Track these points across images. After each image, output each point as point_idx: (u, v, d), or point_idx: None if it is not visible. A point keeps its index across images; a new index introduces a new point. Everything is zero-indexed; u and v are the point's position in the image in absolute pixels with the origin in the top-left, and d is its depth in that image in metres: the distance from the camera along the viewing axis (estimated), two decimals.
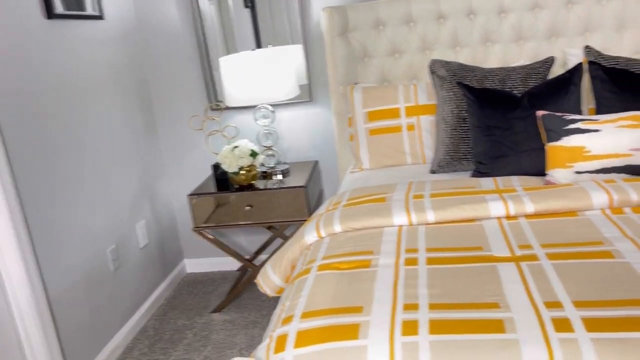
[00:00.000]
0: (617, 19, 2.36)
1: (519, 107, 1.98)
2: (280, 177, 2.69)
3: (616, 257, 1.32)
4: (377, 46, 2.57)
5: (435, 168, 2.22)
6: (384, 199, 1.83)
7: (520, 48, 2.47)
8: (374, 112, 2.38)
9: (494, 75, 2.14)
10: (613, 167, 1.77)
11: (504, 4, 2.42)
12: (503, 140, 1.98)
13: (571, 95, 1.97)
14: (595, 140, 1.78)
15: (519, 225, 1.58)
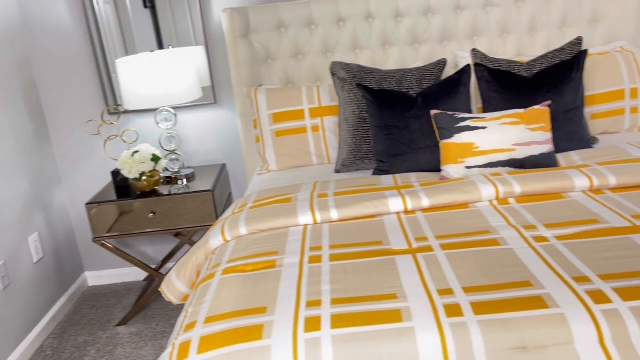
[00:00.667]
0: (500, 24, 2.55)
1: (414, 106, 2.08)
2: (185, 181, 2.63)
3: (501, 244, 1.43)
4: (279, 48, 2.58)
5: (340, 167, 2.27)
6: (290, 199, 1.85)
7: (416, 50, 2.60)
8: (279, 114, 2.40)
9: (392, 77, 2.23)
10: (499, 161, 1.90)
11: (399, 8, 2.53)
12: (400, 139, 2.07)
13: (461, 95, 2.10)
14: (482, 136, 1.91)
15: (416, 219, 1.65)
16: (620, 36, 2.55)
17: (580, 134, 2.07)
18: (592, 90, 2.30)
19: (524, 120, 1.91)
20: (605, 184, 1.69)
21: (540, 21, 2.54)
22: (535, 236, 1.45)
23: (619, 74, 2.29)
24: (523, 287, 1.21)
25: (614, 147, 1.96)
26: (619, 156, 1.87)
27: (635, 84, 2.29)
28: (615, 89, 2.29)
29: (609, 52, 2.37)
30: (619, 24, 2.53)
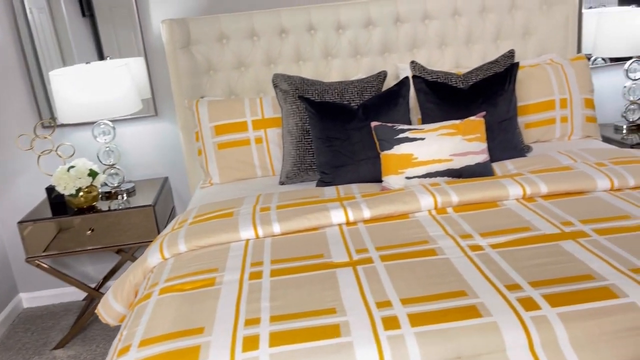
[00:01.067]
0: (438, 37, 2.62)
1: (355, 118, 2.10)
2: (125, 196, 2.55)
3: (438, 254, 1.45)
4: (222, 59, 2.55)
5: (284, 179, 2.26)
6: (232, 214, 1.82)
7: (358, 62, 2.63)
8: (221, 126, 2.37)
9: (334, 89, 2.25)
10: (437, 171, 1.95)
11: (340, 21, 2.56)
12: (343, 150, 2.09)
13: (400, 107, 2.14)
14: (421, 148, 1.95)
15: (358, 231, 1.67)
16: (551, 49, 2.67)
17: (515, 143, 2.15)
18: (526, 100, 2.39)
19: (461, 131, 1.97)
20: (537, 192, 1.76)
21: (477, 34, 2.63)
22: (471, 245, 1.48)
23: (549, 85, 2.39)
24: (458, 297, 1.23)
25: (545, 156, 2.04)
26: (550, 165, 1.95)
27: (565, 95, 2.40)
28: (546, 100, 2.39)
29: (540, 64, 2.48)
30: (549, 37, 2.65)
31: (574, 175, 1.79)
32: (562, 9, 2.62)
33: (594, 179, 1.76)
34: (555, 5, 2.62)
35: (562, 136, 2.43)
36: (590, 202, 1.69)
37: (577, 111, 2.40)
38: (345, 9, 2.54)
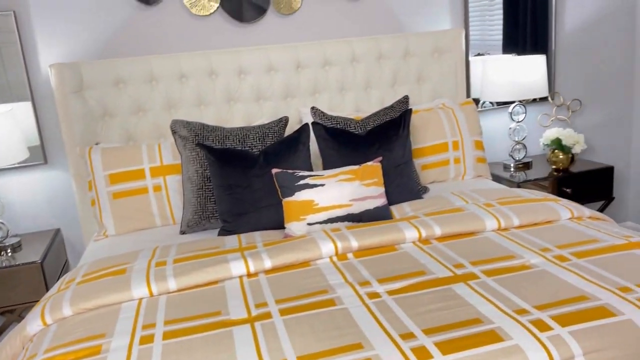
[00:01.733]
0: (338, 82, 2.70)
1: (256, 165, 2.09)
2: (10, 252, 2.34)
3: (337, 304, 1.45)
4: (118, 104, 2.46)
5: (185, 228, 2.19)
6: (125, 270, 1.72)
7: (261, 107, 2.64)
8: (117, 175, 2.26)
9: (235, 135, 2.23)
10: (338, 216, 1.97)
11: (242, 66, 2.56)
12: (244, 198, 2.06)
13: (300, 153, 2.16)
14: (321, 193, 1.96)
15: (259, 282, 1.63)
16: (443, 94, 2.83)
17: (411, 186, 2.23)
18: (422, 143, 2.51)
19: (359, 177, 2.01)
20: (432, 234, 1.82)
21: (374, 80, 2.74)
22: (369, 293, 1.50)
23: (442, 128, 2.53)
24: (355, 350, 1.23)
25: (440, 198, 2.14)
26: (444, 206, 2.03)
27: (457, 137, 2.54)
28: (440, 142, 2.52)
29: (433, 109, 2.62)
30: (440, 83, 2.82)
31: (465, 217, 1.88)
32: (450, 57, 2.80)
33: (482, 220, 1.85)
34: (445, 54, 2.79)
35: (456, 176, 2.56)
36: (480, 242, 1.77)
37: (469, 152, 2.55)
38: (246, 55, 2.56)
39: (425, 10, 2.84)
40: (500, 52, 2.98)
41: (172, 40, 2.58)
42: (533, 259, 1.61)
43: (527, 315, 1.30)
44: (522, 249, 1.68)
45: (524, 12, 2.98)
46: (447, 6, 2.87)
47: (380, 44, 2.71)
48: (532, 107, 3.04)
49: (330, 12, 2.73)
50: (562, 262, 1.56)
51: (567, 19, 3.06)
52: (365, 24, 2.79)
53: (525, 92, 2.74)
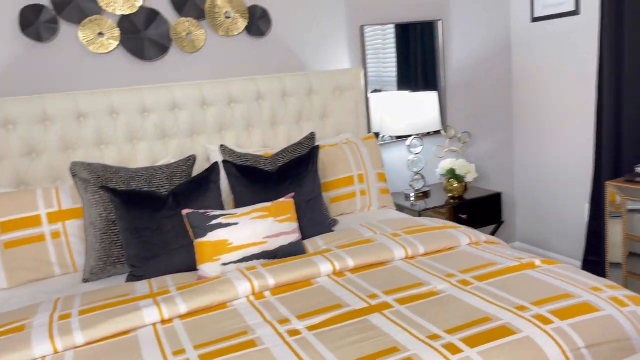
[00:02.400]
0: (245, 119, 2.72)
1: (165, 206, 2.04)
2: None
3: (258, 345, 1.44)
4: (7, 147, 2.29)
5: (88, 276, 2.06)
6: (24, 327, 1.59)
7: (166, 145, 2.58)
8: (8, 222, 2.09)
9: (140, 176, 2.16)
10: (253, 255, 1.97)
11: (145, 104, 2.50)
12: (153, 241, 1.99)
13: (211, 192, 2.14)
14: (235, 232, 1.96)
15: (174, 329, 1.58)
16: (346, 129, 2.95)
17: (322, 219, 2.29)
18: (330, 177, 2.59)
19: (272, 213, 2.03)
20: (346, 266, 1.88)
21: (280, 116, 2.80)
22: (289, 330, 1.51)
23: (347, 163, 2.63)
24: None
25: (350, 230, 2.21)
26: (355, 238, 2.11)
27: (361, 171, 2.65)
28: (346, 176, 2.62)
29: (338, 144, 2.72)
30: (344, 118, 2.94)
31: (375, 248, 1.96)
32: (351, 94, 2.94)
33: (392, 250, 1.95)
34: (346, 91, 2.93)
35: (362, 208, 2.66)
36: (391, 272, 1.85)
37: (373, 185, 2.67)
38: (149, 93, 2.51)
39: (326, 50, 2.98)
40: (396, 88, 3.19)
41: (69, 78, 2.47)
42: (440, 285, 1.71)
43: (439, 340, 1.38)
44: (429, 276, 1.78)
45: (415, 52, 3.21)
46: (346, 47, 3.02)
47: (285, 82, 2.78)
48: (428, 140, 3.26)
49: (235, 51, 2.77)
50: (465, 287, 1.68)
51: (454, 59, 3.34)
52: (270, 62, 2.86)
53: (420, 126, 2.94)
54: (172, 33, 2.60)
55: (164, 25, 2.58)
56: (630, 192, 2.42)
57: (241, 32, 2.75)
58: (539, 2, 3.22)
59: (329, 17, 2.96)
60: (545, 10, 3.19)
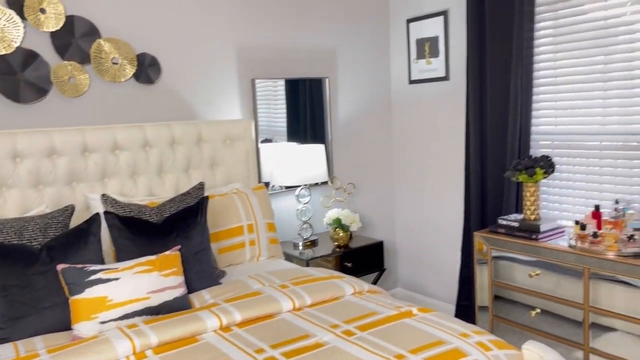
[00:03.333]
0: (130, 167, 2.63)
1: (37, 261, 1.89)
2: None
3: None
4: None
5: None
6: None
7: (41, 193, 2.41)
8: None
9: (10, 227, 1.99)
10: (134, 311, 1.88)
11: (17, 148, 2.33)
12: (22, 299, 1.83)
13: (91, 245, 2.03)
14: (116, 288, 1.86)
15: None
16: (237, 178, 2.97)
17: (209, 272, 2.26)
18: (219, 227, 2.57)
19: (157, 267, 1.97)
20: (233, 321, 1.86)
21: (168, 164, 2.75)
22: None
23: (237, 212, 2.64)
24: None
25: (238, 282, 2.20)
26: (243, 291, 2.10)
27: (251, 221, 2.67)
28: (235, 226, 2.62)
29: (228, 194, 2.72)
30: (234, 168, 2.96)
31: (263, 300, 1.97)
32: (242, 144, 2.98)
33: (279, 301, 1.97)
34: (237, 141, 2.97)
35: (251, 258, 2.66)
36: (278, 324, 1.87)
37: (262, 234, 2.70)
38: (23, 137, 2.35)
39: (218, 100, 3.01)
40: (286, 138, 3.29)
41: None
42: (325, 336, 1.76)
43: None
44: (315, 327, 1.82)
45: (304, 105, 3.36)
46: (238, 97, 3.08)
47: (173, 130, 2.75)
48: (316, 190, 3.38)
49: (122, 97, 2.71)
50: (349, 337, 1.74)
51: (340, 113, 3.54)
52: (159, 110, 2.82)
53: (308, 177, 3.05)
54: (53, 76, 2.48)
55: (44, 67, 2.46)
56: (494, 241, 2.68)
57: (129, 79, 2.70)
58: (415, 67, 3.55)
59: (220, 69, 3.02)
60: (420, 75, 3.52)
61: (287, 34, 3.26)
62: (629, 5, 2.47)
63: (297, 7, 3.28)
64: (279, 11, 3.21)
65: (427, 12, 3.41)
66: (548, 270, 2.45)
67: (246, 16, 3.08)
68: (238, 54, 3.07)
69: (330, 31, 3.44)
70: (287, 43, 3.26)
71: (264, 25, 3.16)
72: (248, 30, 3.10)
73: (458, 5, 3.21)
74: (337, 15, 3.46)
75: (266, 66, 3.19)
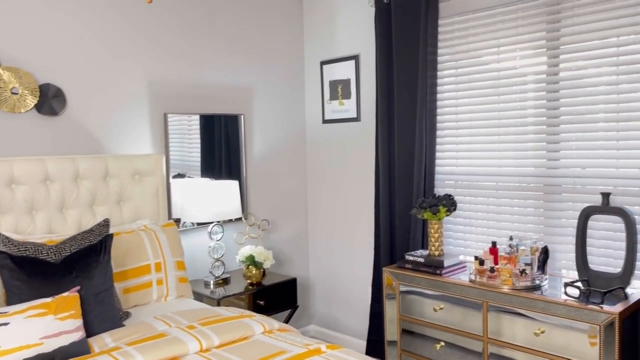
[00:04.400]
0: (28, 203, 2.47)
1: None
2: None
3: None
4: None
5: None
6: None
7: None
8: None
9: None
10: (25, 359, 1.74)
11: None
12: None
13: None
14: (5, 334, 1.72)
15: None
16: (145, 215, 2.88)
17: (112, 314, 2.14)
18: (124, 266, 2.46)
19: (52, 310, 1.85)
20: None
21: (70, 200, 2.61)
22: None
23: (144, 250, 2.55)
24: None
25: (143, 324, 2.11)
26: (147, 333, 2.01)
27: (159, 259, 2.59)
28: (142, 265, 2.52)
29: (135, 231, 2.63)
30: (142, 204, 2.87)
31: (168, 342, 1.90)
32: (152, 179, 2.90)
33: (185, 343, 1.90)
34: (146, 176, 2.88)
35: (159, 298, 2.56)
36: None
37: (171, 273, 2.61)
38: None
39: (127, 134, 2.92)
40: (200, 174, 3.24)
41: None
42: None
43: None
44: None
45: (219, 141, 3.34)
46: (149, 131, 3.01)
47: (78, 164, 2.63)
48: (229, 226, 3.34)
49: (21, 129, 2.56)
50: None
51: (255, 150, 3.55)
52: (63, 143, 2.69)
53: (222, 213, 3.01)
54: None
55: None
56: (402, 276, 2.77)
57: (30, 110, 2.56)
58: (329, 107, 3.66)
59: (131, 102, 2.95)
60: (334, 115, 3.64)
61: (202, 70, 3.26)
62: (519, 59, 2.72)
63: (212, 43, 3.30)
64: (193, 47, 3.22)
65: (340, 56, 3.56)
66: (452, 304, 2.57)
67: (160, 50, 3.06)
68: (150, 88, 3.02)
69: (246, 69, 3.48)
70: (203, 79, 3.26)
71: (178, 61, 3.14)
72: (161, 64, 3.07)
73: (368, 51, 3.39)
74: (253, 54, 3.52)
75: (180, 101, 3.16)
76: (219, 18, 3.32)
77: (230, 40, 3.39)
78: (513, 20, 2.73)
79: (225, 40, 3.36)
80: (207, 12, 3.26)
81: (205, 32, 3.26)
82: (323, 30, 3.67)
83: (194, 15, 3.20)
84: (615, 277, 2.28)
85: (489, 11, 2.82)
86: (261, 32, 3.56)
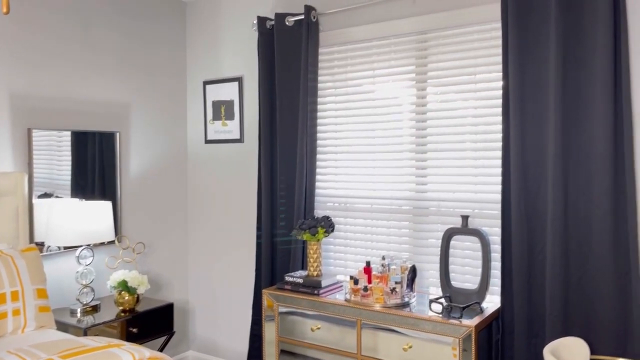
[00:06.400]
0: None
1: None
2: None
3: None
4: None
5: None
6: None
7: None
8: None
9: None
10: None
11: None
12: None
13: None
14: None
15: None
16: (2, 239, 2.61)
17: None
18: None
19: None
20: None
21: None
22: None
23: None
24: None
25: None
26: None
27: (16, 287, 2.36)
28: None
29: None
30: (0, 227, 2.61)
31: None
32: (11, 199, 2.66)
33: None
34: (5, 196, 2.64)
35: (15, 330, 2.33)
36: None
37: (30, 302, 2.40)
38: None
39: None
40: (70, 193, 3.03)
41: None
42: None
43: None
44: None
45: (93, 159, 3.15)
46: (9, 147, 2.76)
47: None
48: (100, 250, 3.14)
49: None
50: None
51: (132, 169, 3.40)
52: None
53: (92, 236, 2.83)
54: None
55: None
56: (282, 298, 2.79)
57: None
58: (211, 128, 3.62)
59: None
60: (216, 135, 3.60)
61: (74, 84, 3.07)
62: (392, 90, 2.91)
63: (86, 56, 3.13)
64: (64, 60, 3.02)
65: (224, 77, 3.55)
66: (330, 323, 2.63)
67: (24, 62, 2.83)
68: (12, 101, 2.78)
69: (124, 85, 3.34)
70: (75, 93, 3.07)
71: (45, 73, 2.93)
72: (25, 77, 2.84)
73: (252, 74, 3.42)
74: (132, 69, 3.39)
75: (48, 116, 2.94)
76: (93, 30, 3.16)
77: (105, 54, 3.24)
78: (387, 53, 2.92)
79: (101, 53, 3.21)
80: (79, 23, 3.09)
81: (77, 44, 3.08)
82: (207, 49, 3.64)
83: (64, 25, 3.02)
84: (473, 293, 2.49)
85: (366, 43, 2.99)
86: (141, 46, 3.44)
